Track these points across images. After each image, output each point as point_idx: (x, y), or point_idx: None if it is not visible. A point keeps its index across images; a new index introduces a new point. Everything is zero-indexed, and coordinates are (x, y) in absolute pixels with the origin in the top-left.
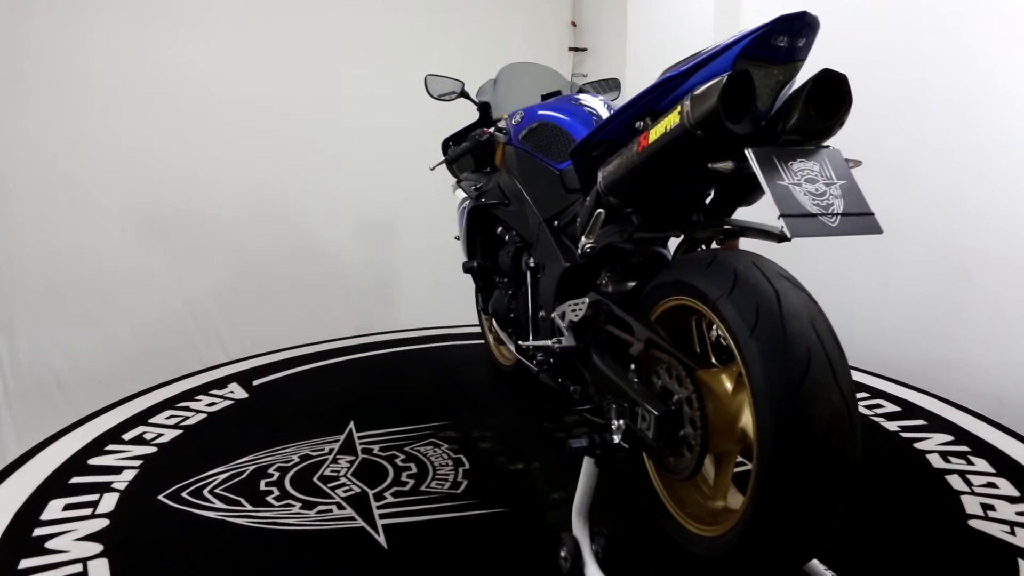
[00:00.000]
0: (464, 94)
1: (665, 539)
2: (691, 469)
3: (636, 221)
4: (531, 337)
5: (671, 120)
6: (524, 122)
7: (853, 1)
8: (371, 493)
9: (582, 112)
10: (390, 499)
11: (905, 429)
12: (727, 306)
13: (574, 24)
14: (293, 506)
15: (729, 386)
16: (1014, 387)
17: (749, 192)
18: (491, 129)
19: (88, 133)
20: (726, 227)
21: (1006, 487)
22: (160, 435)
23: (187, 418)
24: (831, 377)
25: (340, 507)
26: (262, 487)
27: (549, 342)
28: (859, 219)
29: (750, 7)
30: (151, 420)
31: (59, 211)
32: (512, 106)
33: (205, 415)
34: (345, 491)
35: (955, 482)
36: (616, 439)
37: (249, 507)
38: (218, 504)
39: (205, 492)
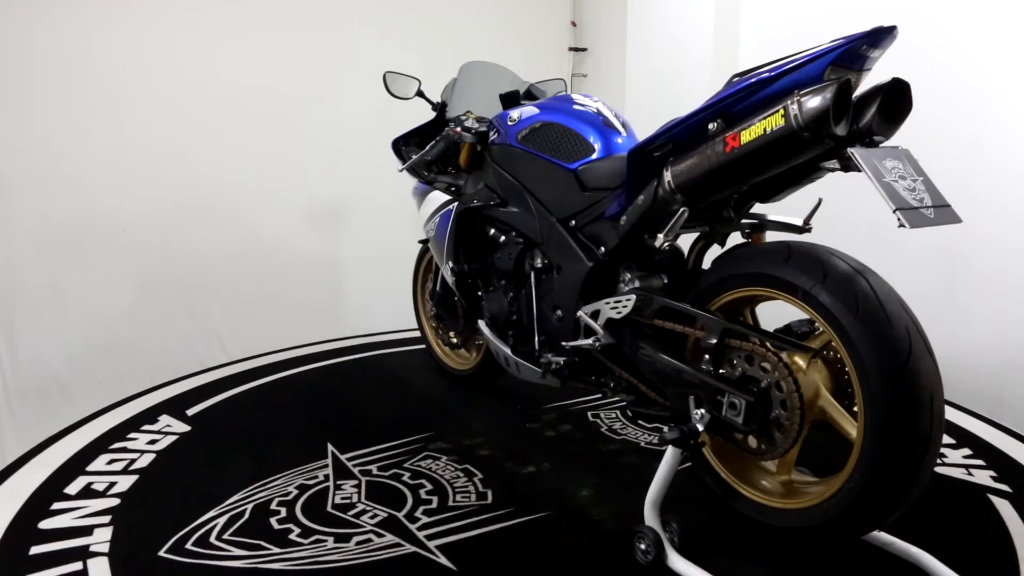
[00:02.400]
0: (419, 92)
1: (733, 521)
2: (786, 447)
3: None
4: (536, 338)
5: (772, 121)
6: (523, 122)
7: (854, 2)
8: (401, 516)
9: (587, 113)
10: (425, 519)
11: None
12: (823, 294)
13: (574, 24)
14: (325, 541)
15: (804, 365)
16: (1014, 387)
17: (777, 189)
18: (458, 128)
19: (88, 133)
20: (752, 221)
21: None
22: (113, 483)
23: (133, 460)
24: (925, 349)
25: (378, 534)
26: (276, 525)
27: (587, 341)
28: (945, 210)
29: (749, 7)
30: (90, 468)
31: (59, 211)
32: (468, 105)
33: (153, 454)
34: (371, 517)
35: None
36: (700, 427)
37: (277, 549)
38: (238, 551)
39: (213, 540)
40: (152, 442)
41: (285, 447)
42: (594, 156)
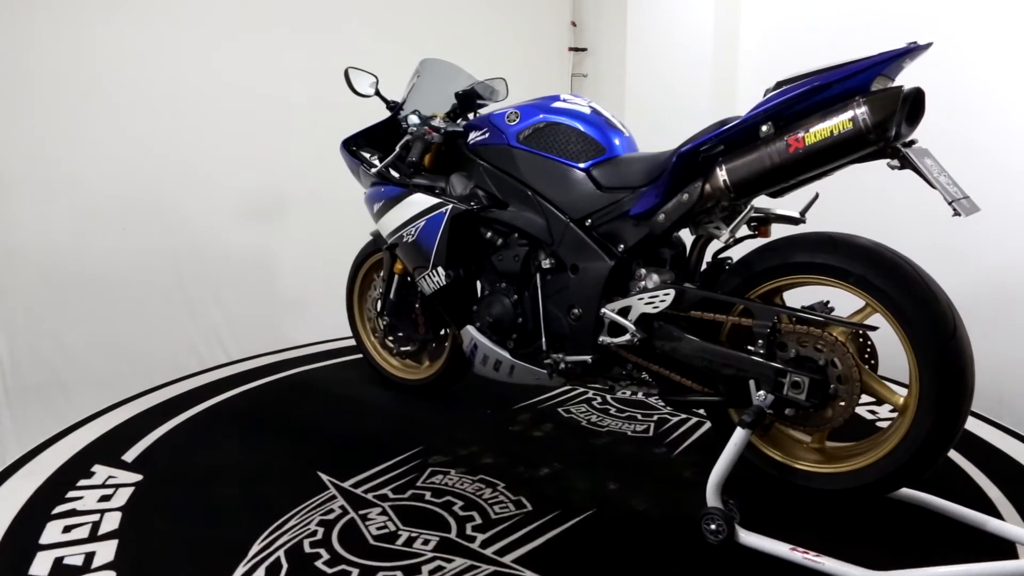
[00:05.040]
0: (377, 90)
1: (761, 496)
2: (845, 417)
3: (720, 214)
4: (544, 339)
5: (840, 124)
6: (524, 122)
7: (852, 3)
8: (454, 537)
9: (588, 113)
10: (481, 536)
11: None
12: (876, 278)
13: (574, 24)
14: None
15: (844, 341)
16: (1014, 387)
17: (793, 185)
18: (429, 128)
19: (89, 132)
20: (758, 215)
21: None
22: (91, 553)
23: (96, 524)
24: (961, 320)
25: (446, 560)
26: (327, 569)
27: (623, 337)
28: (970, 200)
29: (750, 7)
30: (46, 541)
31: (59, 210)
32: (417, 104)
33: (118, 513)
34: (424, 543)
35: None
36: (765, 408)
37: None
38: None
39: None
40: (104, 498)
41: (270, 484)
42: (605, 156)
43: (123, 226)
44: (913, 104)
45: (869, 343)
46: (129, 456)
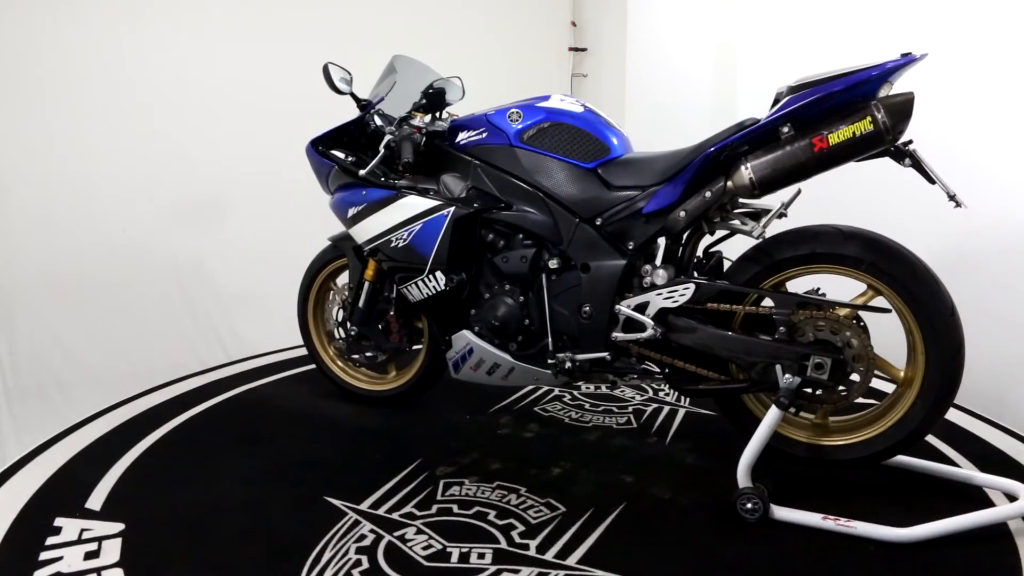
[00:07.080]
0: (350, 89)
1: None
2: (861, 392)
3: (731, 208)
4: (550, 339)
5: (862, 126)
6: (526, 122)
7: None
8: (507, 547)
9: (588, 113)
10: (532, 543)
11: None
12: (886, 264)
13: (574, 24)
14: None
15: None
16: (1014, 387)
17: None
18: (410, 127)
19: (89, 132)
20: (750, 211)
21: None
22: None
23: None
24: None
25: (511, 571)
26: None
27: (645, 333)
28: (958, 196)
29: (750, 7)
30: None
31: (59, 210)
32: (386, 101)
33: (118, 568)
34: (479, 557)
35: None
36: (793, 389)
37: None
38: None
39: None
40: (91, 555)
41: (279, 515)
42: (610, 155)
43: (122, 227)
44: None
45: (862, 325)
46: (94, 503)
